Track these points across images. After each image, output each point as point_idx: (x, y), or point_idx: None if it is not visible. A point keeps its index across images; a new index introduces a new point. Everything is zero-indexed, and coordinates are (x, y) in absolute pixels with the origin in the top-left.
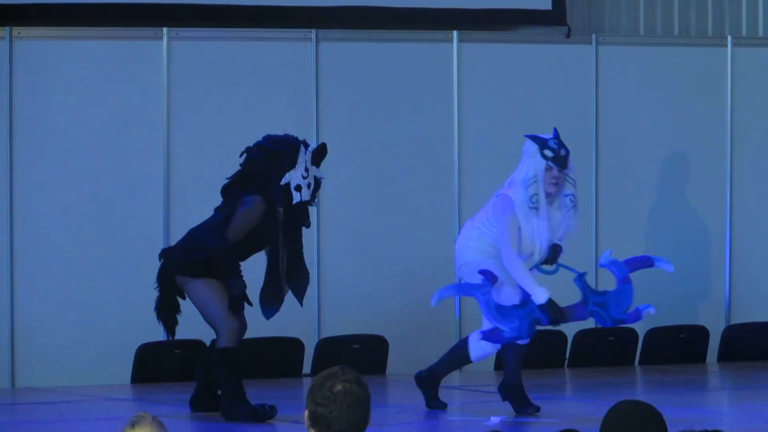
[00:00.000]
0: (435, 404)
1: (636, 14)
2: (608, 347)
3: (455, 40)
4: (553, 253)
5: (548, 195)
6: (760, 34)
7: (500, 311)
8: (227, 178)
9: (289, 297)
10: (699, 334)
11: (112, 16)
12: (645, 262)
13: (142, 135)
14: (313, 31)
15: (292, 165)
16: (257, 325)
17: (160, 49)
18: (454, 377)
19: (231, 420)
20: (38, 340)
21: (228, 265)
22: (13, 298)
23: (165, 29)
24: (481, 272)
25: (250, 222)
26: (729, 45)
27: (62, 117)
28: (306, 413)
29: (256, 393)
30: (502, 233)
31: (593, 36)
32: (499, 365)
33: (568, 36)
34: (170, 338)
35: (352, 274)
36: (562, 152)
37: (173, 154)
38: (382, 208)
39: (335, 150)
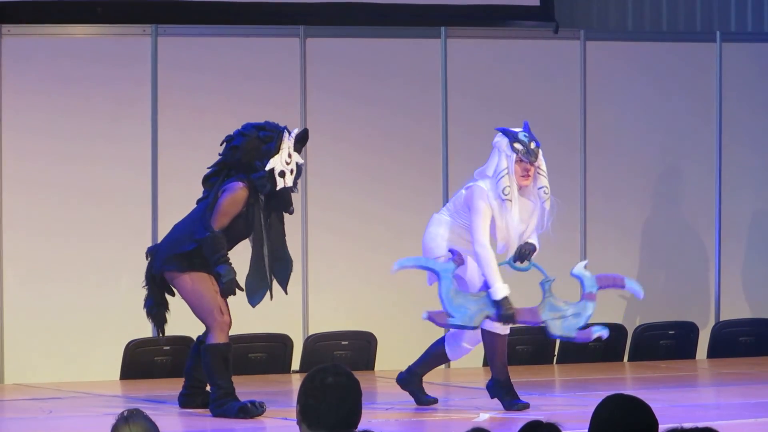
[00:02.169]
0: (425, 399)
1: (624, 10)
2: (597, 343)
3: (443, 36)
4: (526, 251)
5: (520, 188)
6: (749, 29)
7: (455, 296)
8: (208, 168)
9: (277, 292)
10: (688, 330)
11: (100, 14)
12: (616, 282)
13: (129, 131)
14: (301, 27)
15: (277, 151)
16: (246, 322)
17: (148, 46)
18: (442, 374)
19: (220, 416)
20: (26, 336)
21: (216, 252)
22: (0, 293)
23: (153, 26)
24: (451, 251)
25: (234, 208)
26: (718, 40)
27: (50, 114)
28: (297, 407)
29: (244, 389)
30: (476, 220)
31: (581, 32)
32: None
33: (555, 32)
34: (160, 336)
35: (341, 270)
36: (533, 145)
37: (161, 150)
38: (369, 203)
39: (323, 146)
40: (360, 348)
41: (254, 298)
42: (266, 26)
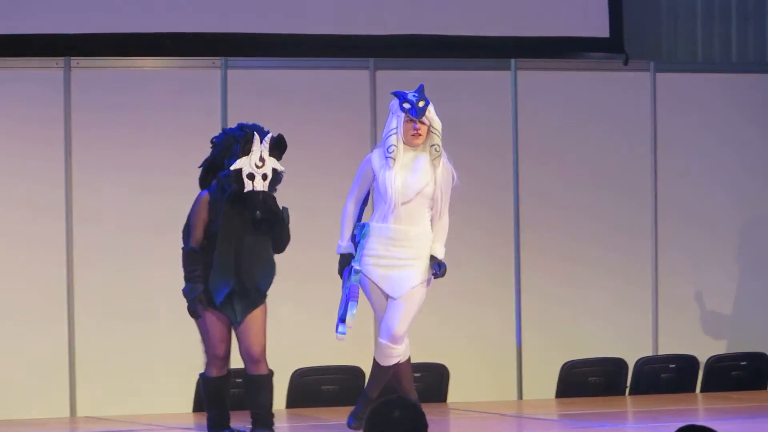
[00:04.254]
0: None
1: (694, 41)
2: (669, 374)
3: (513, 68)
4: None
5: (411, 146)
6: None
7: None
8: (199, 166)
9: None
10: (760, 361)
11: (169, 46)
12: (350, 295)
13: (199, 163)
14: (371, 59)
15: (245, 152)
16: (318, 354)
17: (217, 78)
18: (514, 406)
19: None
20: (98, 368)
21: (185, 268)
22: (72, 326)
23: (222, 59)
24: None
25: (199, 218)
26: None
27: (119, 147)
28: None
29: (315, 422)
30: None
31: (651, 63)
32: (562, 392)
33: (625, 63)
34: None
35: None
36: (422, 103)
37: None
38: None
39: None
40: (432, 380)
41: (217, 297)
42: (336, 59)
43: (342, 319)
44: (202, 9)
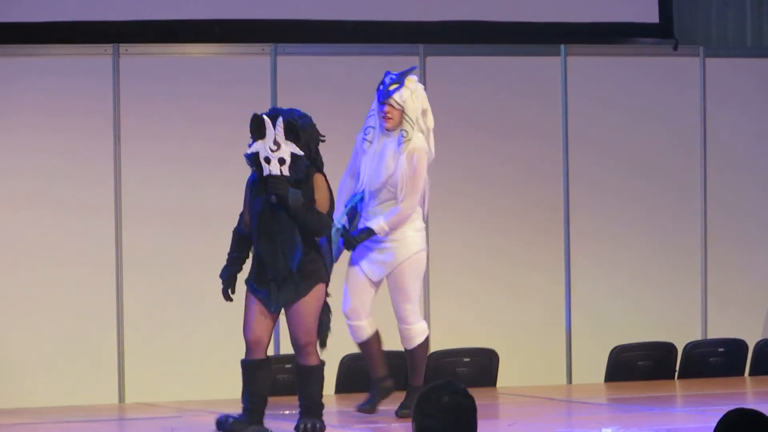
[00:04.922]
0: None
1: (743, 26)
2: (718, 358)
3: (563, 54)
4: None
5: (384, 130)
6: None
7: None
8: None
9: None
10: None
11: (218, 33)
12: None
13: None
14: (420, 45)
15: (260, 136)
16: None
17: (267, 65)
18: (564, 390)
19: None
20: (147, 354)
21: (229, 248)
22: (120, 313)
23: (272, 45)
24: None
25: (245, 200)
26: None
27: (169, 133)
28: (413, 426)
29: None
30: None
31: (700, 49)
32: (611, 377)
33: (675, 49)
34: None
35: (462, 287)
36: (392, 87)
37: None
38: (490, 221)
39: (440, 167)
40: (482, 364)
41: (267, 277)
42: (386, 45)
43: None
44: None
